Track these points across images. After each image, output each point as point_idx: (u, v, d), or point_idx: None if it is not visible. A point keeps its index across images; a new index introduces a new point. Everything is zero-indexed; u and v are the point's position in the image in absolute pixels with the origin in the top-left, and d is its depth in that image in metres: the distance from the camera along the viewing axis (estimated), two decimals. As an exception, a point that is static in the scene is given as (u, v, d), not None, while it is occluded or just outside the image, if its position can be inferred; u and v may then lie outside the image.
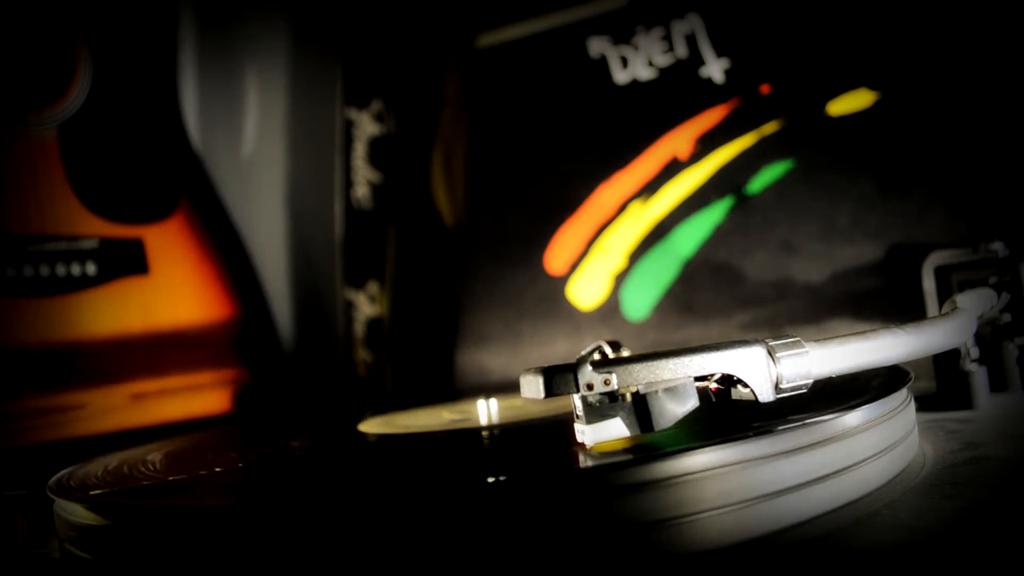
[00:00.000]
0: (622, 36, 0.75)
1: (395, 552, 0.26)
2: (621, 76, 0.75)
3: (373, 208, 0.88)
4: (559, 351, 0.74)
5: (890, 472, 0.33)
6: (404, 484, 0.32)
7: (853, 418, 0.31)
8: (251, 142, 0.96)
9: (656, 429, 0.30)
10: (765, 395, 0.30)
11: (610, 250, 0.73)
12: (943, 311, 0.40)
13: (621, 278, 0.73)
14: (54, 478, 0.40)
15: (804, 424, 0.30)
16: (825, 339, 0.32)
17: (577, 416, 0.30)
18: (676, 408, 0.30)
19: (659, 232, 0.71)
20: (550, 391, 0.29)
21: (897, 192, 0.62)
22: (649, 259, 0.71)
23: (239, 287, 0.79)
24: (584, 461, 0.29)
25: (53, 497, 0.36)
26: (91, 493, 0.35)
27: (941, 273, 0.53)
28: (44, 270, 0.66)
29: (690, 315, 0.69)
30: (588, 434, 0.30)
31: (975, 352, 0.47)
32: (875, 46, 0.64)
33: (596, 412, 0.29)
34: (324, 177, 0.92)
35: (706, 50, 0.71)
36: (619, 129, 0.74)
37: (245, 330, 0.79)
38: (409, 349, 0.86)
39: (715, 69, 0.70)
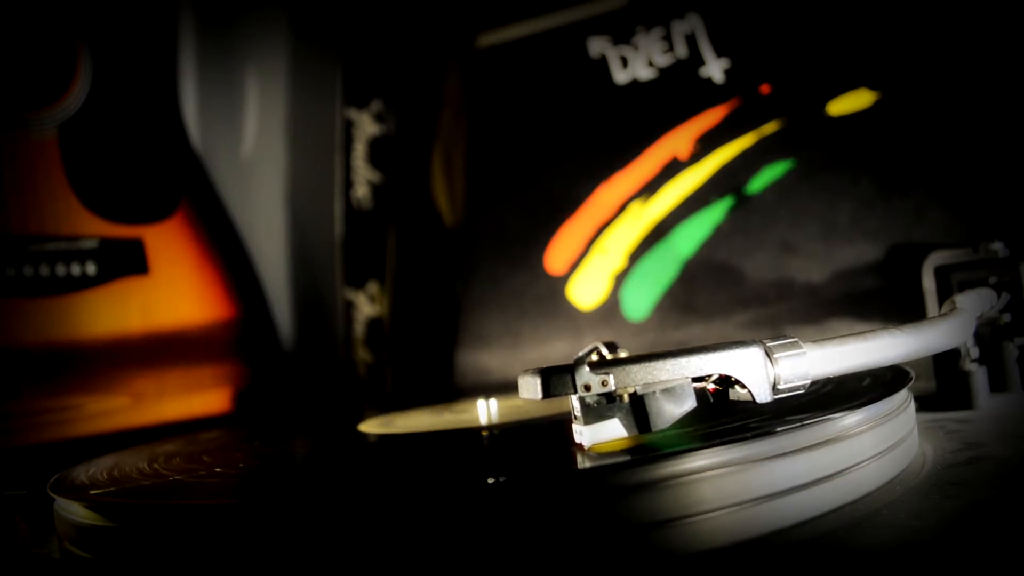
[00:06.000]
0: (622, 36, 0.75)
1: (395, 552, 0.26)
2: (621, 76, 0.75)
3: (373, 208, 0.88)
4: (559, 351, 0.74)
5: (890, 472, 0.33)
6: (404, 484, 0.32)
7: (853, 419, 0.31)
8: (251, 142, 0.96)
9: (654, 430, 0.30)
10: (763, 396, 0.30)
11: (610, 250, 0.73)
12: (943, 311, 0.40)
13: (621, 278, 0.72)
14: (54, 478, 0.40)
15: (804, 425, 0.30)
16: (823, 340, 0.32)
17: (575, 417, 0.30)
18: (674, 409, 0.30)
19: (659, 232, 0.71)
20: (548, 392, 0.29)
21: (897, 192, 0.62)
22: (649, 259, 0.71)
23: (239, 287, 0.79)
24: (582, 462, 0.29)
25: (53, 497, 0.36)
26: (91, 493, 0.35)
27: (941, 273, 0.53)
28: (44, 270, 0.66)
29: (690, 315, 0.69)
30: (586, 435, 0.30)
31: (975, 352, 0.47)
32: (875, 46, 0.64)
33: (594, 413, 0.29)
34: (324, 177, 0.92)
35: (706, 50, 0.71)
36: (619, 129, 0.74)
37: (245, 330, 0.79)
38: (409, 349, 0.86)
39: (715, 69, 0.70)
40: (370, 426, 0.49)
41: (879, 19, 0.64)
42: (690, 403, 0.30)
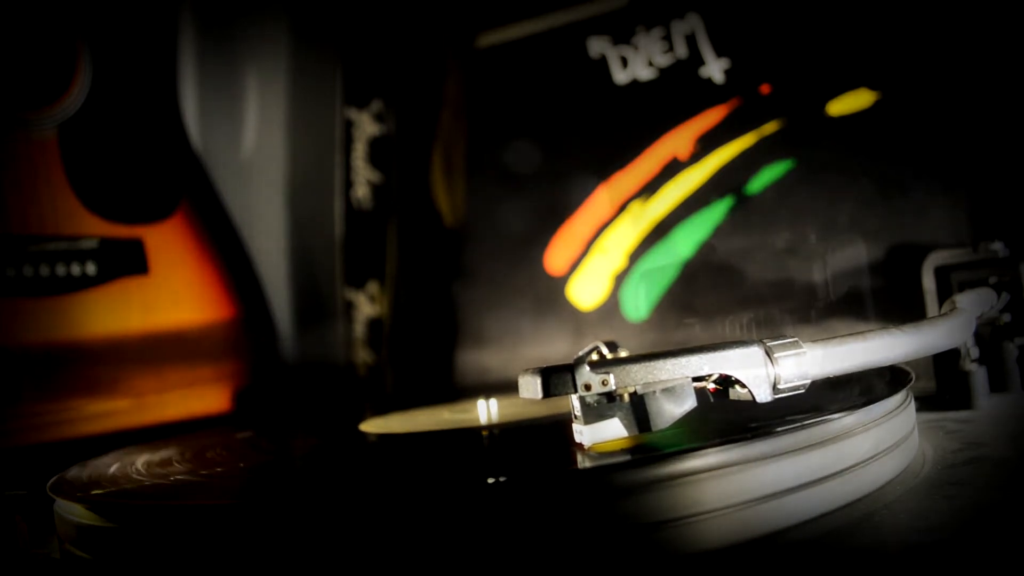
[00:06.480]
0: (622, 36, 0.75)
1: (395, 552, 0.26)
2: (621, 76, 0.75)
3: (373, 208, 0.88)
4: (559, 351, 0.74)
5: (890, 472, 0.33)
6: (404, 484, 0.32)
7: (853, 419, 0.31)
8: (251, 142, 0.96)
9: (654, 429, 0.30)
10: (763, 395, 0.30)
11: (610, 250, 0.73)
12: (943, 311, 0.40)
13: (621, 278, 0.72)
14: (54, 478, 0.40)
15: (804, 425, 0.30)
16: (823, 339, 0.32)
17: (575, 416, 0.30)
18: (674, 408, 0.30)
19: (659, 232, 0.71)
20: (548, 391, 0.29)
21: (897, 192, 0.62)
22: (649, 259, 0.71)
23: (239, 287, 0.79)
24: (582, 462, 0.29)
25: (53, 497, 0.36)
26: (91, 493, 0.35)
27: (941, 273, 0.53)
28: (44, 270, 0.66)
29: (690, 315, 0.69)
30: (586, 434, 0.30)
31: (975, 352, 0.47)
32: (875, 46, 0.64)
33: (594, 412, 0.29)
34: (324, 177, 0.92)
35: (706, 50, 0.71)
36: (619, 129, 0.74)
37: (245, 330, 0.79)
38: (409, 349, 0.86)
39: (715, 69, 0.70)
40: (370, 426, 0.49)
41: (879, 19, 0.64)
42: (690, 403, 0.30)
